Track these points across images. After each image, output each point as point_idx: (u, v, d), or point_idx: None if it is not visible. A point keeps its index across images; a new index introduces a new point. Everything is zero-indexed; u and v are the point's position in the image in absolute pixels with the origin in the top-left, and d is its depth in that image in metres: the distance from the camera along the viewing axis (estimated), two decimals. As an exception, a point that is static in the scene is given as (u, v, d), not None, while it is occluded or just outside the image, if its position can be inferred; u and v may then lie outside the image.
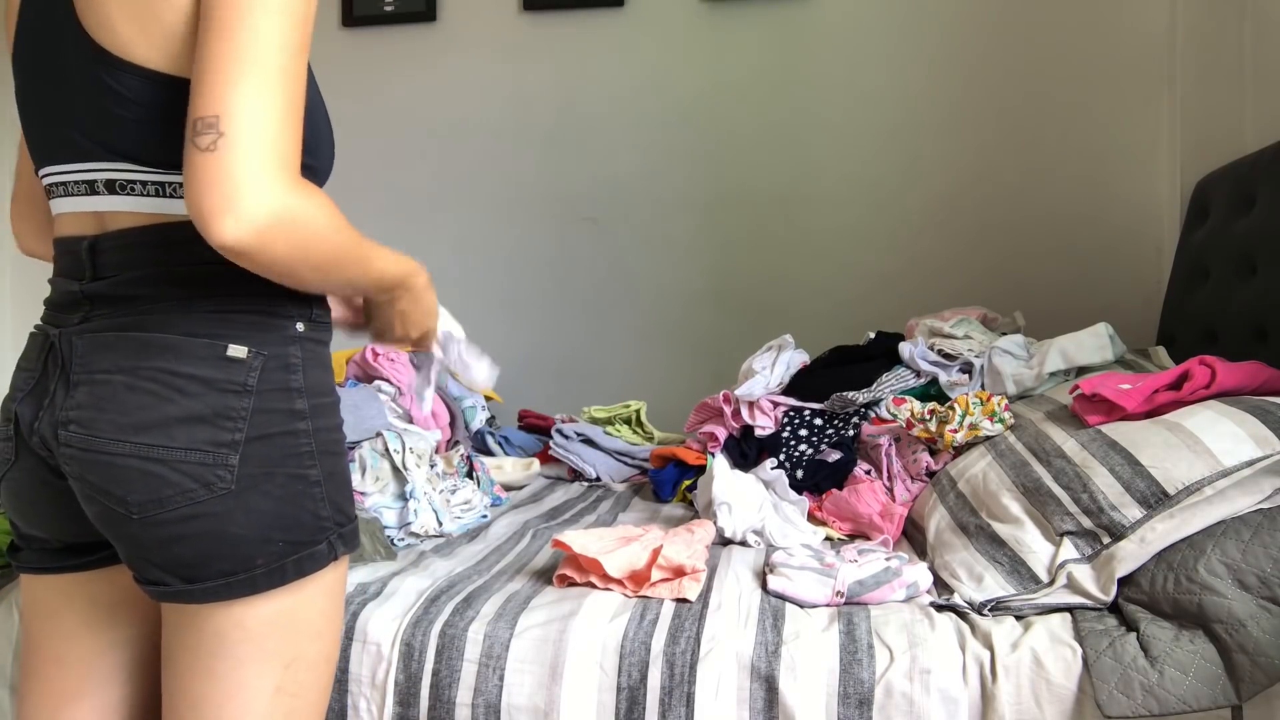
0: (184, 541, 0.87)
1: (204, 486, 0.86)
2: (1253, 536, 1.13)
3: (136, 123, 0.87)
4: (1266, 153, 1.89)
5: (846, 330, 2.30)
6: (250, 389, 0.88)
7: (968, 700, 1.10)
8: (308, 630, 0.94)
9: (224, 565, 0.87)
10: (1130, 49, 2.50)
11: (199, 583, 0.87)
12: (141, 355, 0.87)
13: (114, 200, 0.90)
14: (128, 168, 0.89)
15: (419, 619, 1.24)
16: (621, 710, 1.15)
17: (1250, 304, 1.80)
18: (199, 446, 0.86)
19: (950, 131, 2.60)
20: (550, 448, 2.27)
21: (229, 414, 0.87)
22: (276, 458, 0.89)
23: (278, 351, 0.91)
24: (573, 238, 2.80)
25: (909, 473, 1.73)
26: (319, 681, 0.97)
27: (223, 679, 0.90)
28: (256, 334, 0.90)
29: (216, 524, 0.87)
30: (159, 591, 0.89)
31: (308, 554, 0.91)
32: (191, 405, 0.86)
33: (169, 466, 0.85)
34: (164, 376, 0.86)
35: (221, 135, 0.77)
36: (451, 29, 2.80)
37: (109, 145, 0.89)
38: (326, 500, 0.93)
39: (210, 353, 0.87)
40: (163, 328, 0.88)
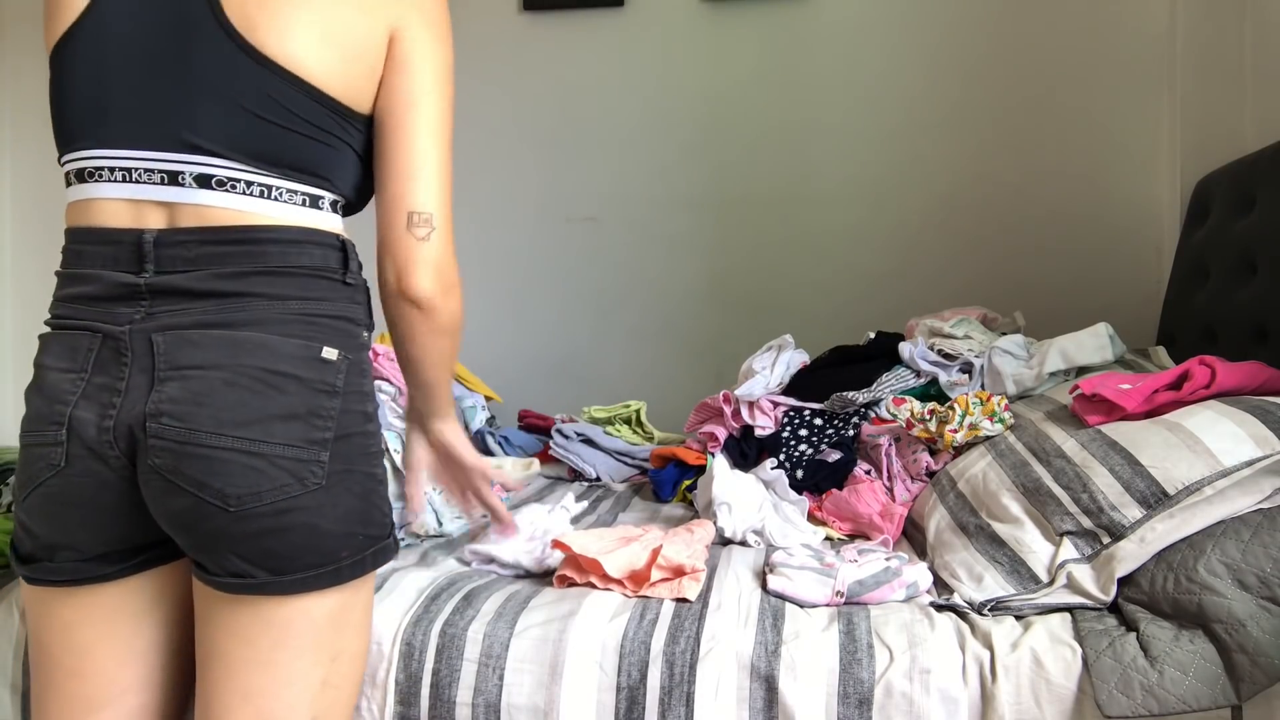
0: (276, 534, 0.89)
1: (299, 481, 0.89)
2: (1253, 536, 1.13)
3: (273, 126, 0.91)
4: (1266, 153, 1.89)
5: (846, 330, 2.30)
6: (338, 390, 0.93)
7: (967, 700, 1.10)
8: (355, 625, 0.98)
9: (312, 558, 0.91)
10: (1130, 49, 2.50)
11: (287, 574, 0.90)
12: (235, 353, 0.89)
13: (203, 194, 0.91)
14: (233, 165, 0.91)
15: (419, 618, 1.24)
16: (621, 710, 1.15)
17: (1250, 304, 1.80)
18: (295, 442, 0.89)
19: (950, 131, 2.60)
20: (550, 448, 2.27)
21: (320, 413, 0.91)
22: (356, 456, 0.94)
23: (357, 356, 0.96)
24: (573, 238, 2.80)
25: (909, 473, 1.73)
26: (356, 675, 1.01)
27: (280, 669, 0.92)
28: (341, 338, 0.95)
29: (308, 518, 0.90)
30: (242, 584, 0.91)
31: (381, 547, 0.97)
32: (289, 403, 0.89)
33: (268, 461, 0.88)
34: (261, 374, 0.89)
35: (434, 230, 0.99)
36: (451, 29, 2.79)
37: (223, 140, 0.91)
38: (386, 498, 0.99)
39: (306, 353, 0.91)
40: (253, 326, 0.90)
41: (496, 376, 2.61)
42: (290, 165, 0.94)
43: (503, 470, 2.15)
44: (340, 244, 0.98)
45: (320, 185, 0.97)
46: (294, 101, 0.92)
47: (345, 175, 0.99)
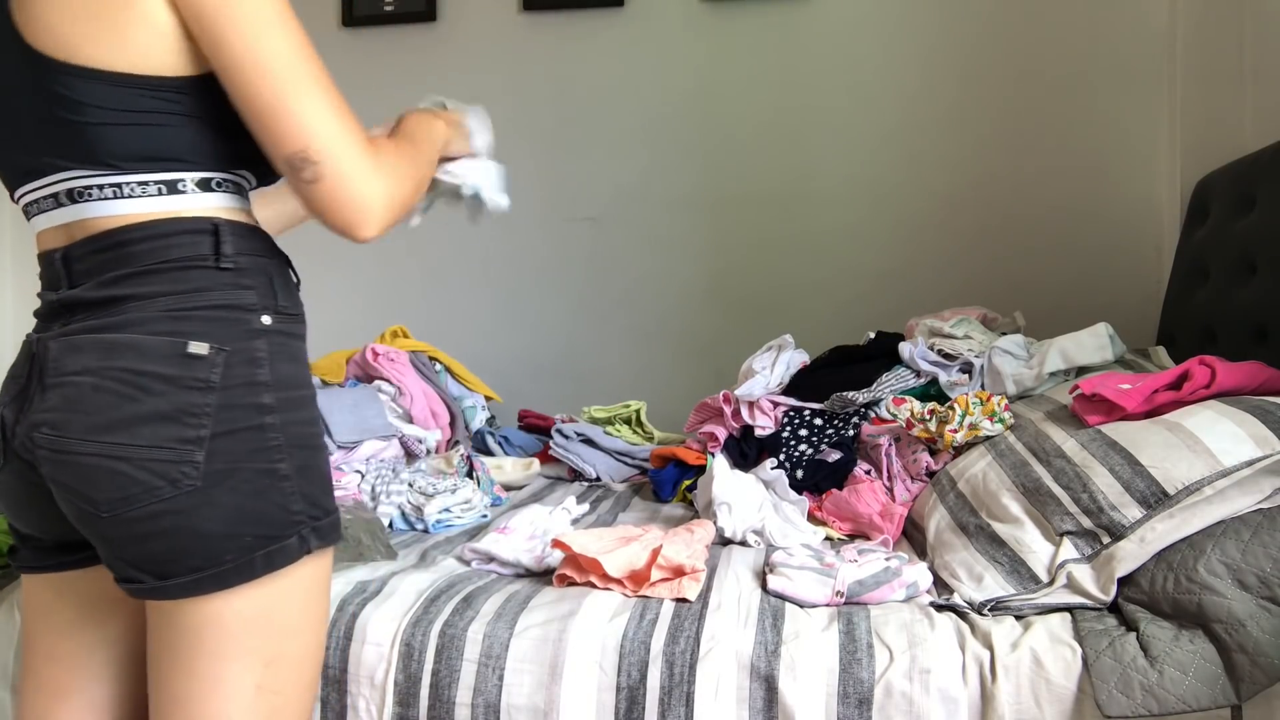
0: (154, 538, 0.88)
1: (170, 484, 0.86)
2: (1252, 536, 1.13)
3: (88, 125, 0.89)
4: (1266, 153, 1.89)
5: (846, 330, 2.30)
6: (214, 385, 0.88)
7: (967, 700, 1.10)
8: (287, 627, 0.94)
9: (194, 561, 0.88)
10: (1130, 49, 2.50)
11: (170, 579, 0.88)
12: (108, 356, 0.87)
13: (76, 209, 0.91)
14: (84, 173, 0.90)
15: (419, 619, 1.24)
16: (621, 710, 1.15)
17: (1250, 304, 1.80)
18: (164, 444, 0.86)
19: (950, 131, 2.60)
20: (550, 448, 2.27)
21: (193, 410, 0.87)
22: (243, 452, 0.89)
23: (241, 346, 0.91)
24: (573, 238, 2.80)
25: (909, 473, 1.72)
26: (302, 679, 0.97)
27: (203, 677, 0.91)
28: (218, 329, 0.90)
29: (184, 520, 0.87)
30: (134, 589, 0.90)
31: (277, 548, 0.91)
32: (156, 404, 0.87)
33: (135, 465, 0.86)
34: (128, 376, 0.87)
35: (315, 164, 0.88)
36: (451, 29, 2.80)
37: (63, 153, 0.90)
38: (298, 494, 0.92)
39: (172, 350, 0.88)
40: (129, 327, 0.88)
41: (496, 376, 2.61)
42: (127, 157, 0.90)
43: (503, 470, 2.15)
44: (212, 227, 0.92)
45: (171, 168, 0.91)
46: (92, 93, 0.87)
47: (198, 148, 0.92)
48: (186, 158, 0.92)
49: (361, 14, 2.83)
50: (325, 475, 0.97)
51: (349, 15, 2.84)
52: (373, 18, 2.83)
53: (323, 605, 0.99)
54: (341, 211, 0.90)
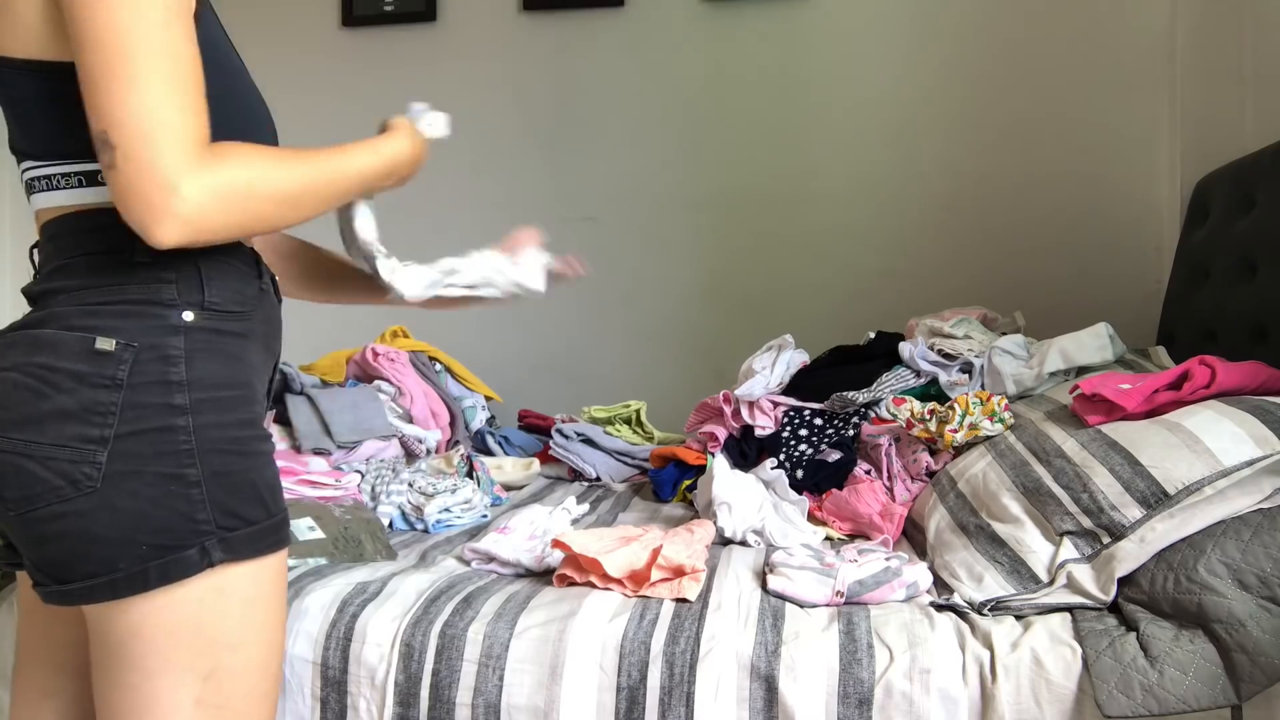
0: (53, 541, 0.85)
1: (71, 484, 0.83)
2: (1253, 536, 1.13)
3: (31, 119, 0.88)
4: (1266, 153, 1.89)
5: (846, 330, 2.30)
6: (120, 383, 0.85)
7: (967, 700, 1.10)
8: (223, 640, 0.89)
9: (88, 567, 0.85)
10: (1130, 49, 2.50)
11: (67, 584, 0.85)
12: (31, 352, 0.86)
13: (37, 199, 0.91)
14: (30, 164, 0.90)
15: (419, 619, 1.24)
16: (621, 710, 1.15)
17: (1250, 304, 1.80)
18: (67, 442, 0.83)
19: (950, 131, 2.60)
20: (550, 448, 2.27)
21: (98, 409, 0.84)
22: (148, 455, 0.85)
23: (154, 342, 0.86)
24: (572, 237, 2.80)
25: (909, 473, 1.72)
26: (252, 692, 0.92)
27: (135, 691, 0.88)
28: (130, 324, 0.86)
29: (81, 523, 0.84)
30: (41, 592, 0.88)
31: (173, 559, 0.85)
32: (63, 401, 0.84)
33: (39, 463, 0.83)
34: (42, 372, 0.85)
35: (115, 149, 0.78)
36: (451, 29, 2.79)
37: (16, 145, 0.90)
38: (207, 502, 0.87)
39: (82, 346, 0.85)
40: (50, 323, 0.87)
41: (496, 376, 2.61)
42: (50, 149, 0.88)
43: (503, 470, 2.15)
44: None
45: (89, 159, 0.86)
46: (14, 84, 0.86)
47: None
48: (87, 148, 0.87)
49: (361, 14, 2.83)
50: (252, 482, 0.91)
51: (349, 15, 2.84)
52: (372, 18, 2.83)
53: (270, 615, 0.94)
54: (133, 205, 0.79)
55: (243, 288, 0.94)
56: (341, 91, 2.81)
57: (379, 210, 1.07)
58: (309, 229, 1.00)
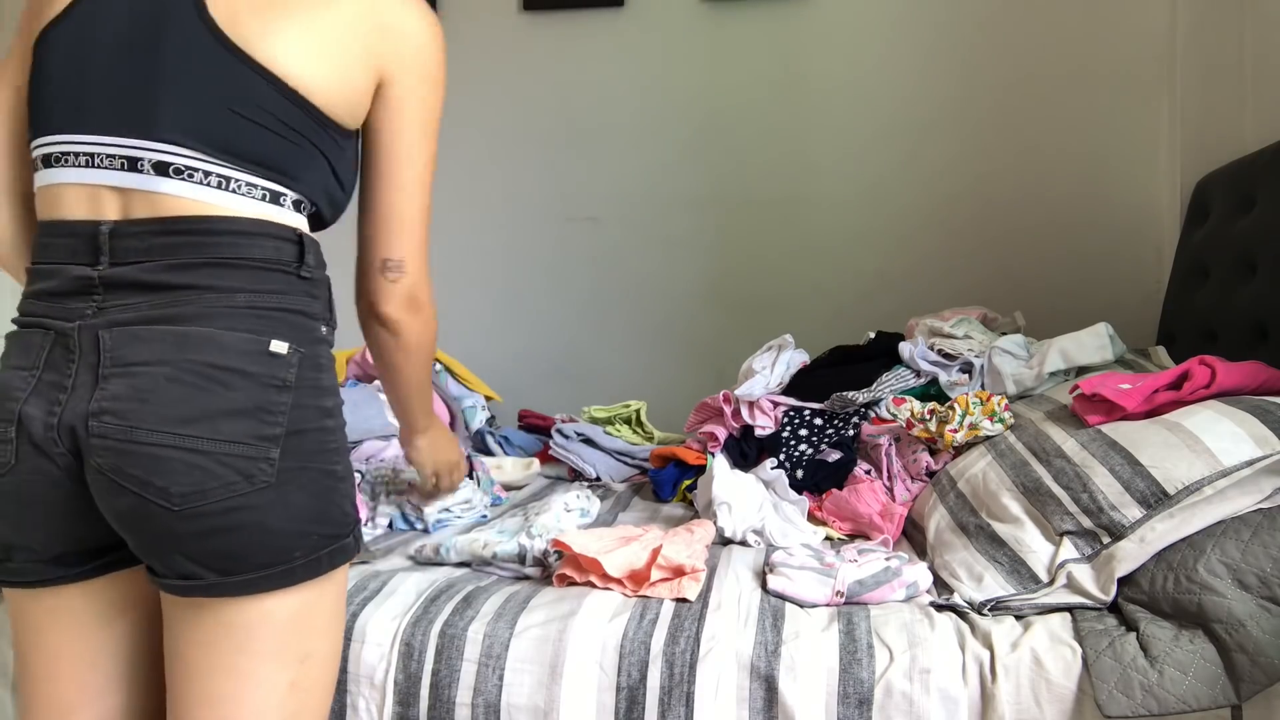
0: (224, 534, 0.88)
1: (246, 479, 0.87)
2: (1252, 536, 1.13)
3: (245, 120, 0.91)
4: (1266, 153, 1.89)
5: (846, 330, 2.30)
6: (289, 384, 0.90)
7: (967, 700, 1.10)
8: (322, 626, 0.96)
9: (262, 557, 0.89)
10: (1130, 49, 2.50)
11: (236, 575, 0.88)
12: (182, 348, 0.87)
13: (158, 182, 0.90)
14: (192, 154, 0.90)
15: (419, 618, 1.24)
16: (621, 710, 1.15)
17: (1250, 304, 1.80)
18: (243, 439, 0.87)
19: (950, 131, 2.60)
20: (550, 448, 2.26)
21: (270, 408, 0.89)
22: (310, 452, 0.92)
23: (311, 350, 0.94)
24: (573, 238, 2.80)
25: (909, 473, 1.72)
26: (327, 677, 0.98)
27: (244, 674, 0.91)
28: (293, 332, 0.93)
29: (257, 516, 0.88)
30: (191, 585, 0.89)
31: (339, 547, 0.94)
32: (235, 398, 0.87)
33: (213, 459, 0.86)
34: (208, 370, 0.87)
35: (404, 275, 1.07)
36: (451, 29, 2.76)
37: (188, 129, 0.90)
38: (348, 496, 0.96)
39: (254, 347, 0.89)
40: (201, 320, 0.88)
41: (496, 376, 2.61)
42: (252, 159, 0.92)
43: (503, 470, 2.15)
44: (297, 237, 0.96)
45: (282, 182, 0.95)
46: (266, 98, 0.92)
47: (313, 178, 0.98)
48: (300, 179, 0.97)
49: (361, 14, 2.83)
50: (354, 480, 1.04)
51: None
52: (373, 18, 2.82)
53: (344, 606, 1.03)
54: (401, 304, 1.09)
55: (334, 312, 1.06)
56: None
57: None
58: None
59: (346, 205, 1.06)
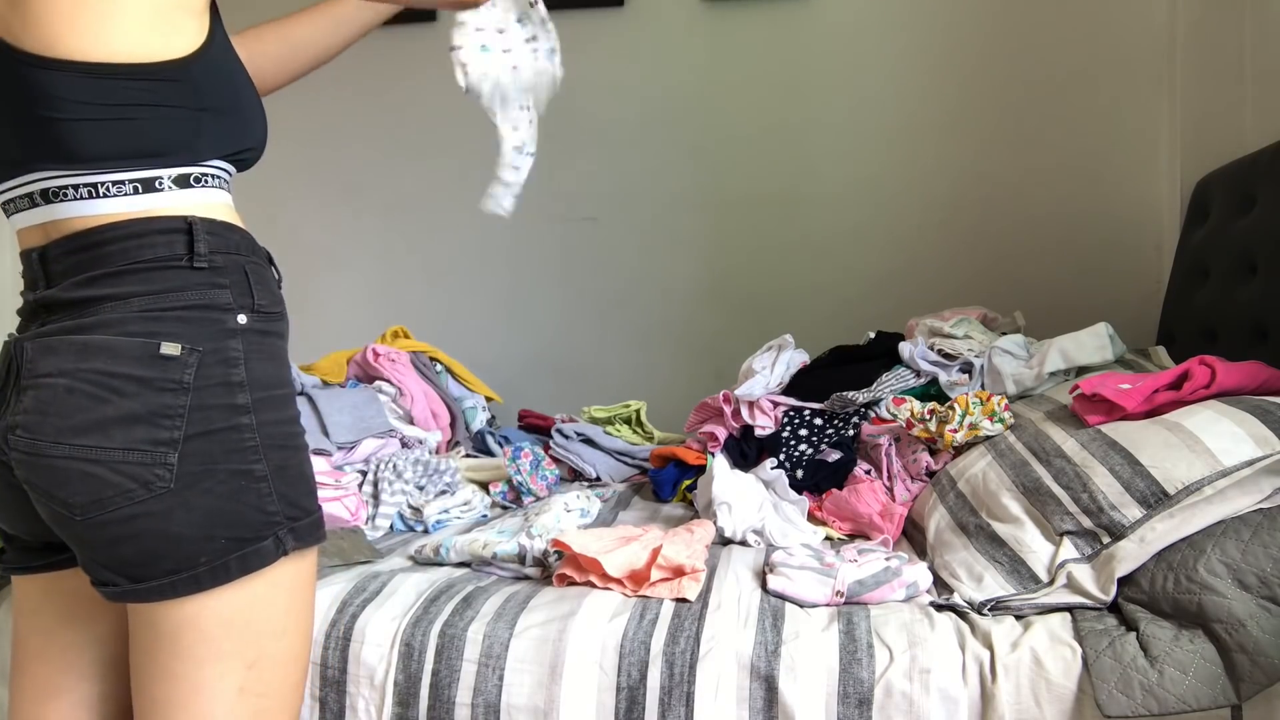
0: (127, 541, 0.87)
1: (143, 486, 0.86)
2: (1253, 536, 1.13)
3: (64, 121, 0.87)
4: (1266, 153, 1.89)
5: (846, 330, 2.30)
6: (187, 386, 0.88)
7: (967, 700, 1.10)
8: (269, 629, 0.93)
9: (167, 564, 0.87)
10: (1130, 49, 2.50)
11: (144, 582, 0.88)
12: (81, 358, 0.87)
13: (52, 209, 0.90)
14: (58, 173, 0.89)
15: (418, 619, 1.24)
16: (621, 710, 1.15)
17: (1250, 304, 1.80)
18: (136, 446, 0.86)
19: (950, 132, 2.60)
20: (550, 448, 2.27)
21: (166, 412, 0.87)
22: (218, 454, 0.89)
23: (216, 346, 0.90)
24: (573, 238, 2.80)
25: (909, 473, 1.72)
26: (288, 679, 0.96)
27: (182, 680, 0.90)
28: (192, 329, 0.89)
29: (158, 523, 0.86)
30: (109, 592, 0.90)
31: (252, 550, 0.90)
32: (129, 405, 0.86)
33: (108, 467, 0.85)
34: (101, 378, 0.86)
35: None
36: (451, 29, 2.79)
37: (37, 152, 0.89)
38: (274, 495, 0.91)
39: (144, 351, 0.87)
40: (101, 328, 0.88)
41: (496, 376, 2.61)
42: (102, 155, 0.89)
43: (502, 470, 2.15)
44: (186, 226, 0.91)
45: (148, 165, 0.90)
46: (68, 87, 0.86)
47: (177, 140, 0.91)
48: (165, 152, 0.91)
49: (361, 14, 2.83)
50: (306, 475, 0.96)
51: (349, 15, 2.84)
52: (373, 18, 2.82)
53: (307, 605, 0.98)
54: None
55: (275, 290, 0.99)
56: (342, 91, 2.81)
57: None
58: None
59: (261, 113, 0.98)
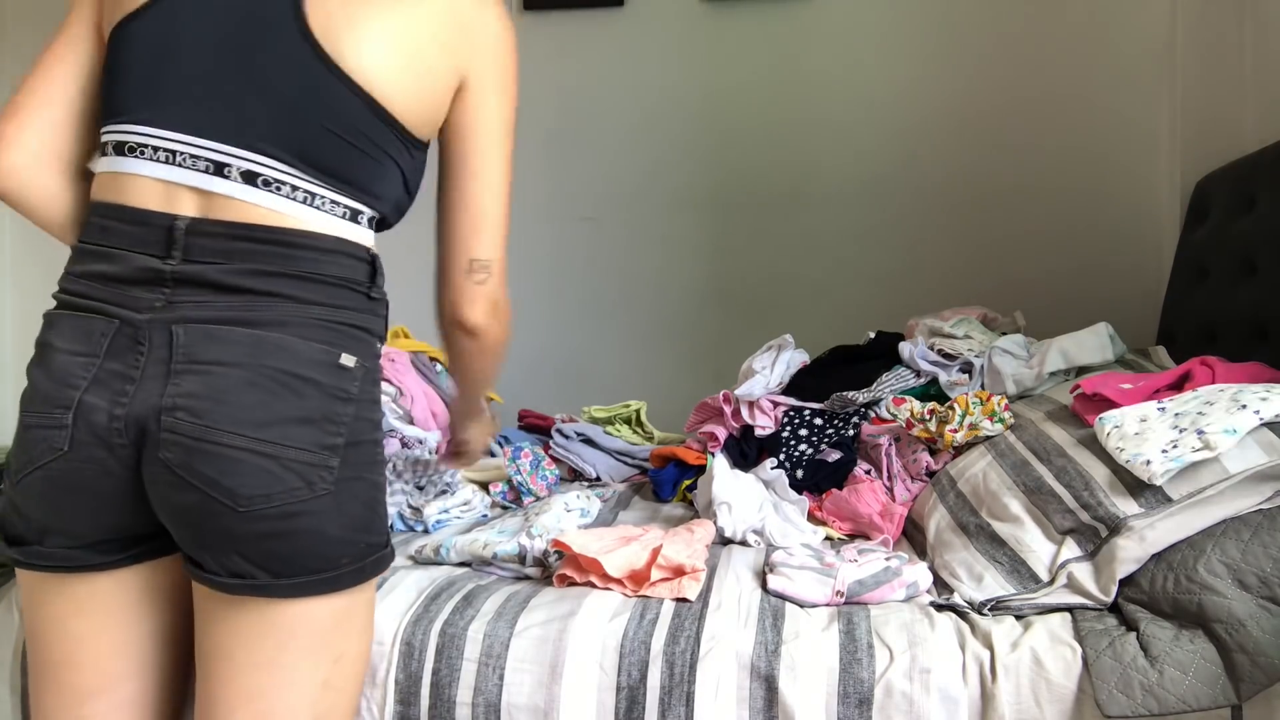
0: (281, 537, 0.90)
1: (308, 485, 0.89)
2: (1253, 536, 1.13)
3: (334, 136, 0.92)
4: (1266, 153, 1.89)
5: (846, 330, 2.30)
6: (353, 396, 0.93)
7: (967, 700, 1.10)
8: (357, 627, 0.99)
9: (314, 563, 0.91)
10: (1130, 49, 2.50)
11: (287, 578, 0.91)
12: (257, 352, 0.89)
13: (244, 190, 0.91)
14: (283, 168, 0.91)
15: (419, 617, 1.24)
16: (621, 710, 1.15)
17: (1250, 304, 1.80)
18: (309, 446, 0.89)
19: (950, 131, 2.60)
20: (550, 448, 2.26)
21: (334, 418, 0.91)
22: (363, 463, 0.94)
23: (372, 365, 0.97)
24: (573, 238, 2.80)
25: (909, 473, 1.72)
26: (358, 677, 1.01)
27: (283, 671, 0.93)
28: (358, 346, 0.96)
29: (315, 522, 0.90)
30: (242, 584, 0.91)
31: (381, 555, 0.98)
32: (305, 406, 0.90)
33: (281, 463, 0.88)
34: (281, 376, 0.89)
35: (492, 275, 1.08)
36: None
37: (283, 143, 0.91)
38: (386, 506, 1.00)
39: (325, 358, 0.92)
40: (276, 327, 0.90)
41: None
42: (339, 176, 0.95)
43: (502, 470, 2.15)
44: (370, 258, 1.00)
45: (362, 200, 0.98)
46: (358, 115, 0.93)
47: (389, 193, 1.01)
48: (378, 196, 0.99)
49: (362, 14, 2.83)
50: None
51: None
52: (373, 18, 2.83)
53: (374, 609, 1.06)
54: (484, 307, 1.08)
55: None
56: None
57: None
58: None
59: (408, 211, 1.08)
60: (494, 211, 1.07)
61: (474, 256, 1.06)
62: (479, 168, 1.05)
